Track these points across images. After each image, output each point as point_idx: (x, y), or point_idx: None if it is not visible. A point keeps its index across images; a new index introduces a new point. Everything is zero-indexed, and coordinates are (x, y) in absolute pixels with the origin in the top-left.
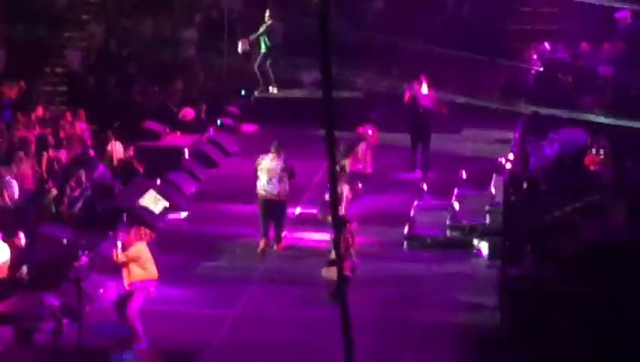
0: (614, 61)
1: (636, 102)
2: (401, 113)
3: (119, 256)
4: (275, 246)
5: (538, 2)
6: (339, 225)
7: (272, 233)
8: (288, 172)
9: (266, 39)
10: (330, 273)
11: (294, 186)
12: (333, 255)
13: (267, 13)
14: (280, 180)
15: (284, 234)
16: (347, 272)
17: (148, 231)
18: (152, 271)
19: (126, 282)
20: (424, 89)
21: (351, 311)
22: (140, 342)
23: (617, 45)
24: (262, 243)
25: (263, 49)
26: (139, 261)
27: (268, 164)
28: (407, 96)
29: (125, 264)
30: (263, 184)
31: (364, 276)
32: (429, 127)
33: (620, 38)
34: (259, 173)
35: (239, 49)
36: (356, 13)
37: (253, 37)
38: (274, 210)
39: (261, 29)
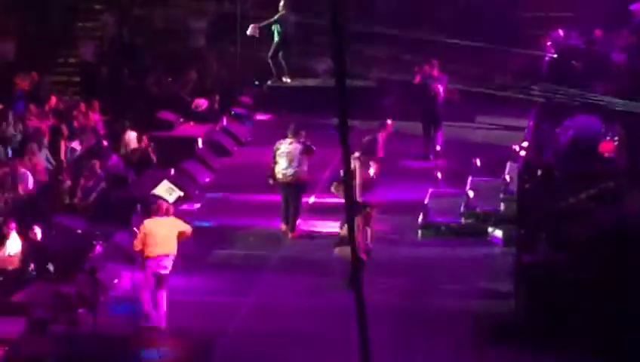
0: (628, 49)
1: None
2: (413, 101)
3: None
4: (289, 234)
5: None
6: (353, 208)
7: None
8: (307, 151)
9: (279, 28)
10: (343, 252)
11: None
12: (344, 232)
13: (282, 3)
14: (300, 163)
15: (298, 222)
16: (362, 255)
17: (163, 206)
18: (162, 247)
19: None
20: (435, 72)
21: (366, 299)
22: (148, 320)
23: (631, 37)
24: (284, 227)
25: (276, 39)
26: (153, 239)
27: (287, 148)
28: (417, 78)
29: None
30: (283, 167)
31: (378, 264)
32: (440, 110)
33: (635, 30)
34: (277, 157)
35: (248, 31)
36: (368, 3)
37: (264, 24)
38: (295, 192)
39: (274, 18)
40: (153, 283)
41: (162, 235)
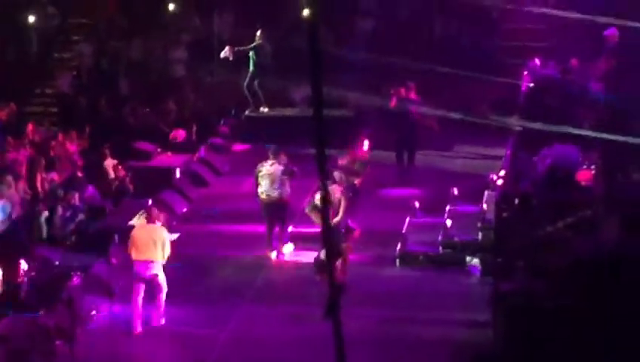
0: (604, 77)
1: (626, 117)
2: (391, 130)
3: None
4: (275, 255)
5: (526, 19)
6: (330, 235)
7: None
8: (289, 173)
9: (254, 57)
10: (324, 276)
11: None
12: (322, 255)
13: (258, 33)
14: (282, 183)
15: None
16: (340, 281)
17: (154, 213)
18: (141, 253)
19: None
20: (412, 94)
21: (344, 328)
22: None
23: (607, 62)
24: (272, 254)
25: (252, 68)
26: (133, 244)
27: (268, 169)
28: (393, 101)
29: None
30: (265, 188)
31: (357, 293)
32: (416, 133)
33: (609, 55)
34: (260, 179)
35: (222, 54)
36: (346, 31)
37: (240, 49)
38: (277, 212)
39: (251, 45)
40: (140, 287)
41: (145, 241)
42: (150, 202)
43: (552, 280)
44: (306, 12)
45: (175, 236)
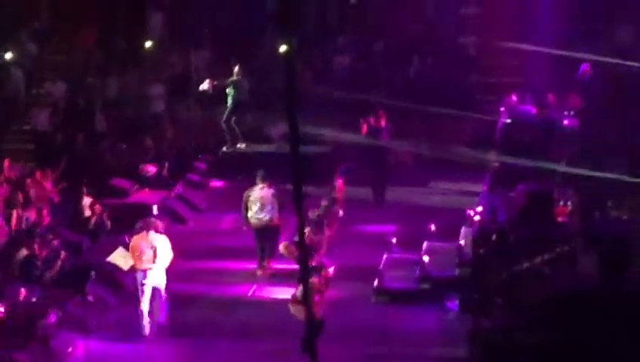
0: (580, 113)
1: (601, 153)
2: (366, 164)
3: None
4: (260, 272)
5: (503, 56)
6: (308, 270)
7: (269, 261)
8: (279, 201)
9: (233, 92)
10: (299, 311)
11: None
12: (299, 291)
13: (236, 68)
14: (272, 207)
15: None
16: (317, 317)
17: (151, 223)
18: (142, 262)
19: None
20: (382, 122)
21: None
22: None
23: (580, 98)
24: (259, 272)
25: (229, 103)
26: (134, 253)
27: (258, 193)
28: (364, 129)
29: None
30: (255, 212)
31: (333, 330)
32: (388, 160)
33: (583, 90)
34: (250, 204)
35: (202, 86)
36: (323, 68)
37: (219, 82)
38: (269, 236)
39: (229, 80)
40: (144, 293)
41: (146, 250)
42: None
43: (530, 316)
44: (283, 48)
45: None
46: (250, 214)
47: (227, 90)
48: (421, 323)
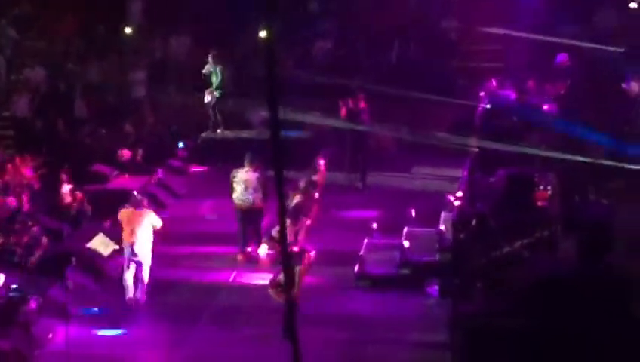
0: (558, 98)
1: (581, 138)
2: (346, 151)
3: None
4: (241, 257)
5: (484, 41)
6: (288, 256)
7: (250, 244)
8: (263, 186)
9: (217, 78)
10: (279, 295)
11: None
12: (281, 276)
13: (209, 57)
14: (255, 190)
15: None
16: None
17: (138, 199)
18: (129, 235)
19: None
20: (361, 104)
21: (303, 349)
22: (128, 292)
23: (559, 86)
24: (240, 256)
25: (216, 89)
26: (123, 228)
27: (243, 176)
28: (343, 111)
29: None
30: (240, 194)
31: (315, 315)
32: (368, 143)
33: (561, 79)
34: (234, 184)
35: (205, 99)
36: (304, 53)
37: (206, 73)
38: (252, 217)
39: (205, 68)
40: (129, 267)
41: (133, 225)
42: (135, 192)
43: (511, 301)
44: (263, 34)
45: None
46: (235, 195)
47: (212, 77)
48: (402, 309)
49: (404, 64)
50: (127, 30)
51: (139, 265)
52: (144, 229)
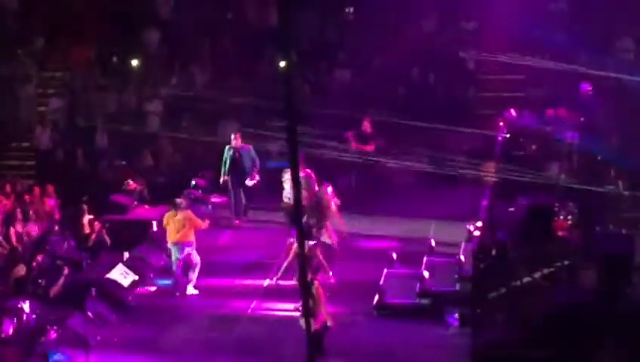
0: (579, 128)
1: (602, 167)
2: (366, 182)
3: None
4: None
5: (503, 70)
6: (308, 288)
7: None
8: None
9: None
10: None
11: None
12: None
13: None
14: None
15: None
16: (318, 326)
17: (179, 203)
18: (173, 236)
19: None
20: (366, 129)
21: None
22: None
23: (580, 114)
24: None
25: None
26: (167, 228)
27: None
28: (352, 145)
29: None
30: (287, 192)
31: (334, 345)
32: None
33: (583, 107)
34: (284, 183)
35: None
36: (322, 83)
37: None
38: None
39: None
40: (178, 265)
41: (174, 227)
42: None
43: (530, 331)
44: (282, 64)
45: (152, 289)
46: (284, 193)
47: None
48: (422, 339)
49: (421, 93)
50: (143, 60)
51: (189, 262)
52: (187, 228)
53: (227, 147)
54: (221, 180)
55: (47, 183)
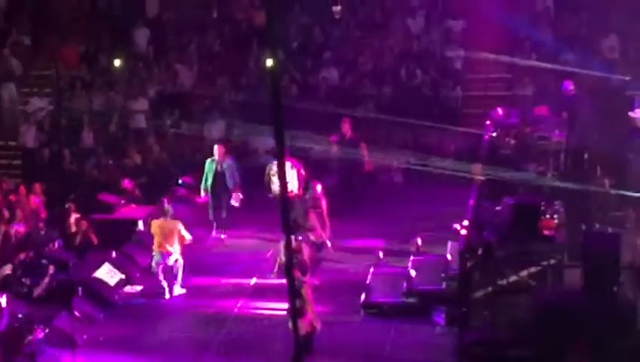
0: (564, 127)
1: (588, 166)
2: (354, 181)
3: None
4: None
5: (491, 69)
6: (295, 286)
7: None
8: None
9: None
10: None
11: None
12: (298, 303)
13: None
14: (291, 179)
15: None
16: (308, 328)
17: (167, 208)
18: (159, 244)
19: None
20: (345, 131)
21: None
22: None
23: (565, 113)
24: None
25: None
26: (155, 236)
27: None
28: (333, 138)
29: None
30: (276, 185)
31: (320, 344)
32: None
33: (567, 106)
34: (272, 177)
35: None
36: (309, 82)
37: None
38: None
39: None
40: (161, 272)
41: (162, 236)
42: (166, 201)
43: (517, 330)
44: (269, 63)
45: (139, 288)
46: (273, 186)
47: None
48: (408, 337)
49: (408, 93)
50: (133, 59)
51: (172, 269)
52: (174, 238)
53: (209, 160)
54: (202, 195)
55: (33, 182)
